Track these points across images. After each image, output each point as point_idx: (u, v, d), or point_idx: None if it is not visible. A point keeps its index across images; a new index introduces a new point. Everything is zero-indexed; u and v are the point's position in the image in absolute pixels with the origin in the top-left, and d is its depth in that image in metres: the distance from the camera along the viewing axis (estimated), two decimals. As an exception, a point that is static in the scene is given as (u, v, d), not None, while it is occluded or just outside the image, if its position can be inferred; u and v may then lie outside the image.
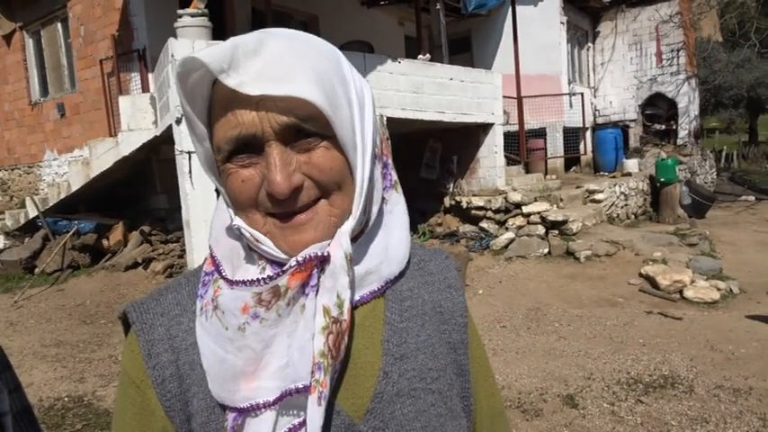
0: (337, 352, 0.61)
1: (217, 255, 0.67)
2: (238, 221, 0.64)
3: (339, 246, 0.62)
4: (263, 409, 0.61)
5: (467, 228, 8.81)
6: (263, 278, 0.61)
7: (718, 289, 6.20)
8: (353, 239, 0.64)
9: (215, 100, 0.61)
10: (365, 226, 0.67)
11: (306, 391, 0.60)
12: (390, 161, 0.72)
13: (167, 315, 0.68)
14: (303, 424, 0.60)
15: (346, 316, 0.62)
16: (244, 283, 0.62)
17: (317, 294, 0.61)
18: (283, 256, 0.62)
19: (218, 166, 0.64)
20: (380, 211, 0.69)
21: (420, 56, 8.60)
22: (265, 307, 0.60)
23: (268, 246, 0.63)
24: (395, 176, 0.72)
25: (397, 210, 0.71)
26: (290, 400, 0.61)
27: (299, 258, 0.60)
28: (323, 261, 0.61)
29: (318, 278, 0.62)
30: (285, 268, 0.60)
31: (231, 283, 0.63)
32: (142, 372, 0.66)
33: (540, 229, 8.11)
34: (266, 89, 0.57)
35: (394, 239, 0.70)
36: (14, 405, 0.77)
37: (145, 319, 0.68)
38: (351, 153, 0.63)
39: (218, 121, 0.61)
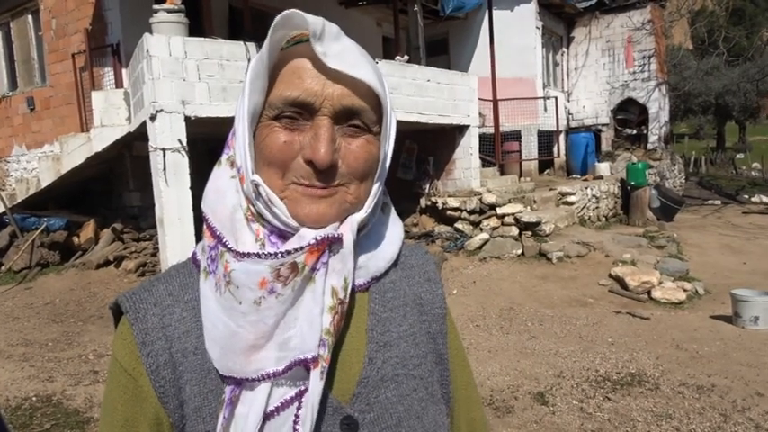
0: (337, 331, 0.66)
1: (215, 225, 0.68)
2: (257, 179, 0.65)
3: (350, 230, 0.66)
4: (263, 381, 0.64)
5: (442, 228, 8.88)
6: (280, 252, 0.63)
7: (685, 290, 6.38)
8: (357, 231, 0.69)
9: (282, 61, 0.66)
10: (365, 225, 0.70)
11: (311, 362, 0.63)
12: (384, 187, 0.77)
13: (160, 305, 0.70)
14: (295, 398, 0.64)
15: (347, 299, 0.66)
16: (258, 255, 0.63)
17: (326, 273, 0.65)
18: (293, 223, 0.65)
19: (259, 122, 0.67)
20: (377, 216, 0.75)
21: (398, 57, 8.64)
22: (282, 282, 0.63)
23: (280, 210, 0.65)
24: (387, 198, 0.77)
25: (389, 221, 0.77)
26: (288, 372, 0.64)
27: (318, 237, 0.64)
28: (333, 242, 0.65)
29: (328, 258, 0.65)
30: (304, 245, 0.63)
31: (239, 255, 0.64)
32: (135, 359, 0.68)
33: (514, 231, 8.22)
34: (344, 68, 0.63)
35: (385, 244, 0.74)
36: None
37: (138, 309, 0.69)
38: (383, 150, 0.70)
39: (279, 80, 0.66)
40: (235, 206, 0.67)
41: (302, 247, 0.63)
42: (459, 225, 8.77)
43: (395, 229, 0.76)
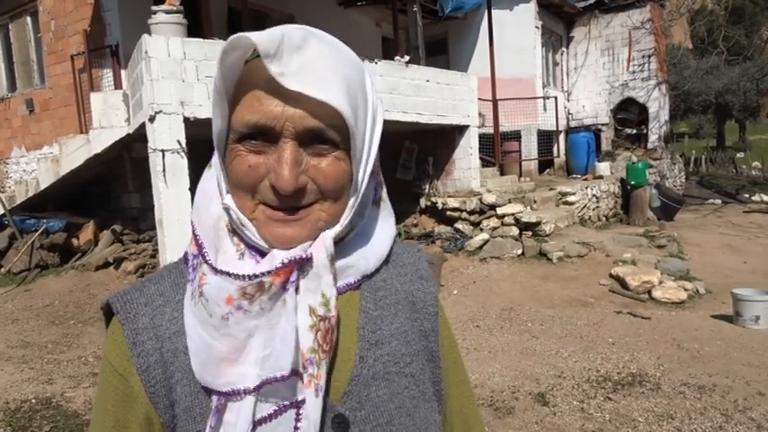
0: (329, 345, 0.65)
1: (199, 233, 0.69)
2: (229, 201, 0.66)
3: (322, 247, 0.65)
4: (245, 395, 0.63)
5: (442, 228, 8.87)
6: (248, 275, 0.63)
7: (685, 289, 6.37)
8: (336, 242, 0.67)
9: (243, 83, 0.63)
10: (348, 233, 0.69)
11: (284, 380, 0.63)
12: (381, 178, 0.75)
13: (151, 305, 0.70)
14: (285, 408, 0.64)
15: (334, 312, 0.65)
16: (228, 274, 0.63)
17: (297, 291, 0.64)
18: (263, 245, 0.65)
19: (226, 144, 0.66)
20: (366, 218, 0.73)
21: (398, 57, 8.62)
22: (249, 300, 0.62)
23: (251, 232, 0.65)
24: (383, 192, 0.75)
25: (381, 218, 0.75)
26: (269, 388, 0.64)
27: (285, 260, 0.63)
28: (303, 263, 0.64)
29: (298, 276, 0.64)
30: (270, 269, 0.63)
31: (216, 270, 0.64)
32: (126, 360, 0.68)
33: (514, 231, 8.21)
34: (304, 88, 0.59)
35: (375, 242, 0.73)
36: None
37: (129, 309, 0.69)
38: (356, 166, 0.66)
39: (240, 102, 0.63)
40: (220, 214, 0.67)
41: (269, 271, 0.63)
42: (459, 225, 8.76)
43: (386, 226, 0.75)
